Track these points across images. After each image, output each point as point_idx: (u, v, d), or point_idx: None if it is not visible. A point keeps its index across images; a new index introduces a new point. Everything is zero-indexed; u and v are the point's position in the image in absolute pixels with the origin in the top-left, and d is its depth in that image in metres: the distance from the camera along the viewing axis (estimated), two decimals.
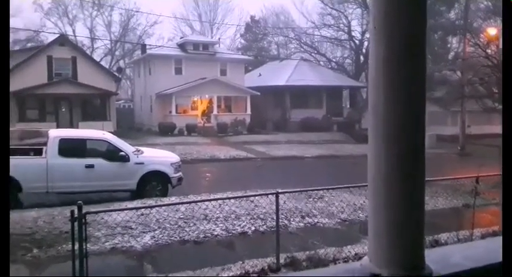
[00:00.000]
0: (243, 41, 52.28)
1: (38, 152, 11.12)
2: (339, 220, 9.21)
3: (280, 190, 6.80)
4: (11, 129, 21.61)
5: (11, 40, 41.74)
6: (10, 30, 40.63)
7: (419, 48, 1.59)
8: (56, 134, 11.78)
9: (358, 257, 6.62)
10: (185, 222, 8.69)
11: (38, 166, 10.76)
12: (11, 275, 1.91)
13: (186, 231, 8.31)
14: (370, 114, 1.73)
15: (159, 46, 38.89)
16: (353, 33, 43.08)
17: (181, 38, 40.83)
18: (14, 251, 7.12)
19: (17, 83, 27.46)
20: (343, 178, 15.11)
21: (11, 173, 10.26)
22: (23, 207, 10.42)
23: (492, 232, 7.91)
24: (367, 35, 42.27)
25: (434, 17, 27.90)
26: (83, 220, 5.10)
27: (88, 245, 6.94)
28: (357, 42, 43.15)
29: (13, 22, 40.77)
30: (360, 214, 9.62)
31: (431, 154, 19.13)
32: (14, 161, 10.67)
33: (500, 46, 16.05)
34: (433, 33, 29.69)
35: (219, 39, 45.67)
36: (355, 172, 18.89)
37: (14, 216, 8.88)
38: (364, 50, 42.63)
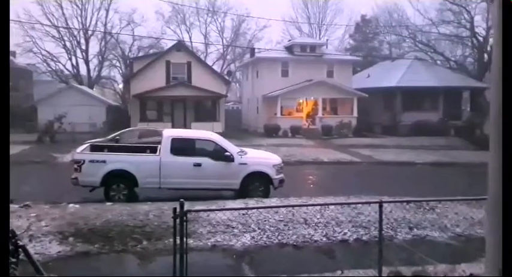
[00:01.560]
0: (351, 42, 50.95)
1: (154, 150, 11.97)
2: (452, 235, 8.33)
3: (384, 200, 6.32)
4: (133, 128, 23.87)
5: (135, 47, 46.12)
6: (135, 38, 44.99)
7: None
8: (169, 133, 12.57)
9: None
10: (285, 225, 8.60)
11: (153, 163, 11.57)
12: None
13: (285, 234, 8.22)
14: (491, 120, 1.46)
15: (267, 49, 39.67)
16: (476, 30, 39.19)
17: (289, 40, 41.17)
18: (126, 242, 7.71)
19: (139, 86, 30.25)
20: (458, 189, 13.74)
21: (130, 169, 11.25)
22: (138, 201, 11.31)
23: None
24: (493, 31, 38.25)
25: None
26: (184, 217, 5.26)
27: (191, 241, 7.25)
28: (480, 39, 39.15)
29: (137, 30, 45.13)
30: (478, 230, 8.60)
31: None
32: (133, 158, 11.67)
33: None
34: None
35: (327, 40, 45.09)
36: (473, 182, 17.12)
37: (129, 208, 9.65)
38: (489, 48, 38.51)
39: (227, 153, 11.83)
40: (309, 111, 33.71)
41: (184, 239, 5.28)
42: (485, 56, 38.60)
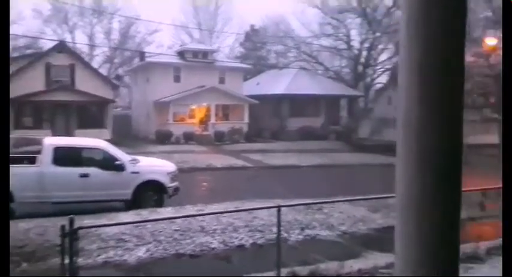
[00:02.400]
0: (242, 50, 52.26)
1: (32, 161, 10.87)
2: (339, 233, 8.98)
3: (282, 204, 6.57)
4: None
5: (10, 47, 41.51)
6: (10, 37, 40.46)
7: (458, 46, 1.36)
8: (50, 142, 11.54)
9: (361, 273, 6.39)
10: (181, 234, 8.43)
11: (31, 175, 10.50)
12: None
13: (181, 244, 8.06)
14: (399, 125, 1.50)
15: (158, 54, 38.76)
16: (352, 43, 43.12)
17: (180, 45, 40.75)
18: None
19: (14, 89, 27.19)
20: (341, 188, 14.89)
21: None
22: (14, 217, 10.13)
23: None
24: (366, 45, 42.33)
25: None
26: (75, 235, 4.87)
27: (79, 259, 6.70)
28: (355, 51, 43.14)
29: (13, 29, 40.68)
30: (361, 227, 9.40)
31: None
32: None
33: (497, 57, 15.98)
34: None
35: (218, 47, 45.65)
36: (353, 182, 18.70)
37: None
38: (362, 60, 42.63)
39: (118, 162, 11.25)
40: (202, 117, 33.72)
41: (75, 258, 4.87)
42: (359, 67, 42.60)
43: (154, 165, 12.59)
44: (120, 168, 11.22)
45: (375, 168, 23.12)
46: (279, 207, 5.99)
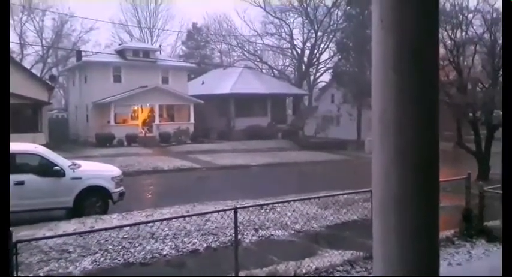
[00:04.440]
0: (184, 48, 51.40)
1: None
2: (293, 232, 8.93)
3: (236, 205, 6.36)
4: None
5: None
6: None
7: (432, 39, 1.35)
8: None
9: (318, 272, 6.34)
10: (130, 242, 7.98)
11: None
12: None
13: (131, 252, 7.63)
14: (375, 123, 1.44)
15: (96, 53, 37.09)
16: (295, 42, 43.80)
17: (119, 44, 39.27)
18: None
19: None
20: (292, 187, 14.98)
21: None
22: None
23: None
24: (308, 44, 43.19)
25: None
26: (14, 250, 4.37)
27: (19, 274, 6.11)
28: (298, 50, 43.89)
29: None
30: (314, 225, 9.42)
31: None
32: None
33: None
34: None
35: (160, 46, 44.51)
36: (302, 180, 18.89)
37: None
38: (305, 59, 43.44)
39: (56, 168, 10.50)
40: (145, 118, 32.68)
41: (16, 273, 4.38)
42: (303, 66, 43.39)
43: (97, 170, 11.90)
44: (59, 174, 10.48)
45: (322, 165, 23.59)
46: (235, 209, 5.78)
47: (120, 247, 7.75)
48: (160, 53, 38.96)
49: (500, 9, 16.48)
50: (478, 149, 17.18)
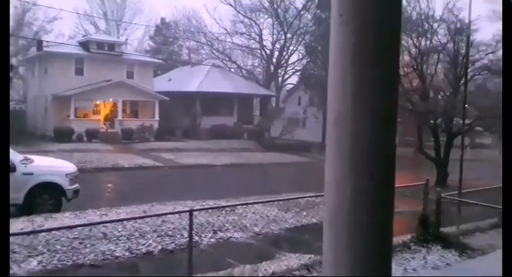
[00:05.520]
0: (152, 43, 50.37)
1: None
2: (252, 234, 8.76)
3: (194, 206, 6.13)
4: None
5: None
6: None
7: (394, 39, 1.27)
8: None
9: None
10: (80, 243, 7.59)
11: None
12: None
13: (81, 253, 7.24)
14: (330, 127, 1.35)
15: (59, 44, 35.71)
16: (264, 43, 43.81)
17: (84, 36, 38.04)
18: None
19: None
20: (254, 188, 14.83)
21: None
22: None
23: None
24: (278, 45, 43.31)
25: None
26: None
27: None
28: (267, 51, 43.92)
29: None
30: (273, 227, 9.31)
31: None
32: None
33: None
34: None
35: (126, 40, 43.49)
36: (265, 181, 18.83)
37: None
38: (274, 60, 43.53)
39: None
40: (107, 113, 31.74)
41: None
42: (272, 67, 43.48)
43: (51, 166, 11.35)
44: (9, 168, 9.90)
45: (286, 166, 23.63)
46: (191, 211, 5.56)
47: (69, 247, 7.35)
48: (126, 46, 38.04)
49: (465, 20, 17.01)
50: (437, 155, 17.65)
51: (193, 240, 7.66)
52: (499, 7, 24.62)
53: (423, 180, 9.22)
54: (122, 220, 7.93)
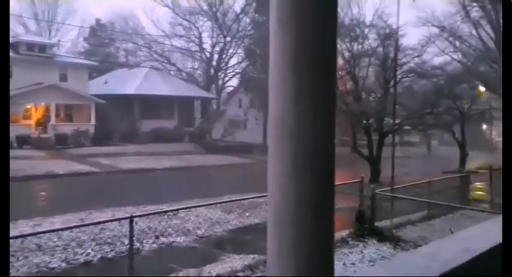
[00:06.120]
0: (86, 45, 48.34)
1: None
2: (195, 238, 8.76)
3: (134, 213, 6.04)
4: None
5: None
6: None
7: (331, 42, 1.32)
8: None
9: None
10: (12, 255, 7.18)
11: None
12: None
13: (13, 266, 6.86)
14: (271, 129, 1.38)
15: None
16: (204, 46, 43.57)
17: (12, 37, 35.71)
18: None
19: None
20: (197, 190, 14.75)
21: None
22: None
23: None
24: (217, 48, 43.28)
25: None
26: None
27: None
28: (207, 54, 43.74)
29: None
30: (217, 229, 9.36)
31: None
32: None
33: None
34: None
35: (59, 41, 41.36)
36: (207, 183, 18.74)
37: None
38: (214, 63, 43.45)
39: None
40: (39, 117, 30.05)
41: None
42: (211, 70, 43.39)
43: None
44: None
45: (228, 168, 23.70)
46: (131, 218, 5.47)
47: None
48: (59, 48, 36.21)
49: (393, 26, 18.05)
50: (370, 154, 18.56)
51: (134, 246, 7.53)
52: (424, 14, 26.31)
53: (358, 178, 9.69)
54: (56, 230, 7.59)
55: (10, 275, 6.50)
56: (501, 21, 18.97)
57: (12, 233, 8.31)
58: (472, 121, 25.56)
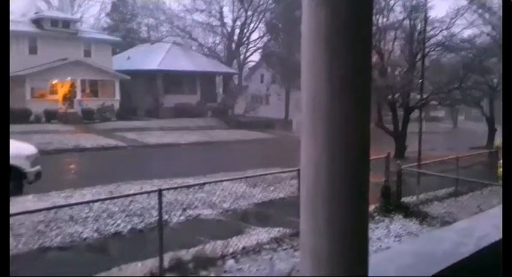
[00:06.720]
0: (109, 21, 48.49)
1: None
2: (221, 211, 8.90)
3: (162, 185, 6.16)
4: None
5: None
6: None
7: (367, 20, 1.24)
8: None
9: (246, 251, 6.38)
10: (46, 226, 7.47)
11: None
12: None
13: (47, 236, 7.15)
14: (305, 110, 1.33)
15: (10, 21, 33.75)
16: (225, 20, 43.12)
17: (36, 13, 36.09)
18: None
19: None
20: (221, 164, 14.91)
21: None
22: None
23: None
24: (238, 23, 42.77)
25: None
26: None
27: None
28: (228, 29, 43.31)
29: None
30: (242, 203, 9.48)
31: None
32: None
33: None
34: None
35: (81, 17, 41.66)
36: (231, 158, 18.94)
37: None
38: (235, 38, 43.04)
39: None
40: (66, 93, 30.59)
41: None
42: (233, 45, 43.02)
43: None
44: None
45: (251, 143, 23.81)
46: (160, 191, 5.59)
47: (34, 231, 7.23)
48: (82, 24, 36.47)
49: None
50: (395, 129, 18.30)
51: (163, 218, 7.73)
52: None
53: (384, 154, 9.60)
54: (87, 202, 7.83)
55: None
56: None
57: (45, 204, 8.65)
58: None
